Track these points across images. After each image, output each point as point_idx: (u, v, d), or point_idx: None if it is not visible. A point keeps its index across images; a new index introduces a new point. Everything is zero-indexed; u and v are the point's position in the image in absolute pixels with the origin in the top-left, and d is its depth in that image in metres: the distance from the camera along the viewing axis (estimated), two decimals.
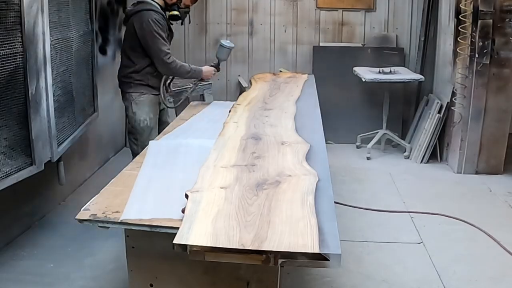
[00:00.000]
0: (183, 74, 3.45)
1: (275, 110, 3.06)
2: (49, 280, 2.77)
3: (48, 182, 3.40)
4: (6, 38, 2.40)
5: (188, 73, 3.43)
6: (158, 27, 3.23)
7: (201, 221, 1.56)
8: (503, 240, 3.28)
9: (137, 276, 1.84)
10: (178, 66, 3.35)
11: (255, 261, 1.41)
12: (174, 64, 3.32)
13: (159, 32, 3.23)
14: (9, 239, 3.14)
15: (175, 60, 3.33)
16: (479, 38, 4.27)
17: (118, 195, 1.91)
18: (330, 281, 2.79)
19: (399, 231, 3.42)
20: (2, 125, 2.46)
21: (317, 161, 2.15)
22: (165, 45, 3.28)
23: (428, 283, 2.80)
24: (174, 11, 3.39)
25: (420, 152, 4.87)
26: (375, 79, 4.77)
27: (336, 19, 5.45)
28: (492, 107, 4.42)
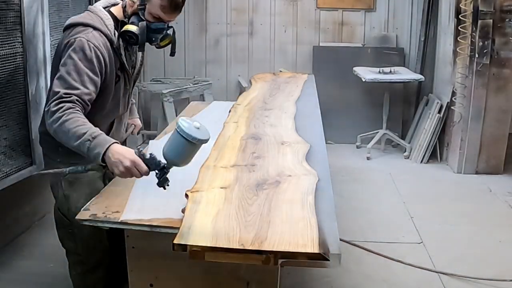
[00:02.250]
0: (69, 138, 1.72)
1: (275, 110, 3.06)
2: (49, 280, 2.77)
3: (48, 182, 3.40)
4: (6, 38, 2.41)
5: (79, 138, 1.69)
6: (83, 57, 1.86)
7: (201, 221, 1.56)
8: (503, 240, 3.28)
9: (137, 276, 1.83)
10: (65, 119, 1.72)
11: (255, 261, 1.41)
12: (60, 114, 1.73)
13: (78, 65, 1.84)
14: (9, 239, 3.14)
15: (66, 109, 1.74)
16: (479, 38, 4.27)
17: (118, 195, 1.91)
18: (330, 281, 2.79)
19: (399, 231, 3.41)
20: (2, 125, 2.47)
21: (317, 161, 2.15)
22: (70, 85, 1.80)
23: (428, 283, 2.80)
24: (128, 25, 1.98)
25: (420, 152, 4.87)
26: (375, 79, 4.77)
27: (336, 19, 5.45)
28: (492, 107, 4.42)
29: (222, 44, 5.54)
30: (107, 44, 1.95)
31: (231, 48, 5.54)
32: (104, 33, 1.96)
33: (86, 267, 2.19)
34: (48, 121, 1.76)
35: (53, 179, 2.09)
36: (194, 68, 5.53)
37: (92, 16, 1.99)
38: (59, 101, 1.76)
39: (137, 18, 1.98)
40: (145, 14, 1.98)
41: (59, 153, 1.98)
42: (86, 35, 1.89)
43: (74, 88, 1.80)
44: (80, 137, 1.68)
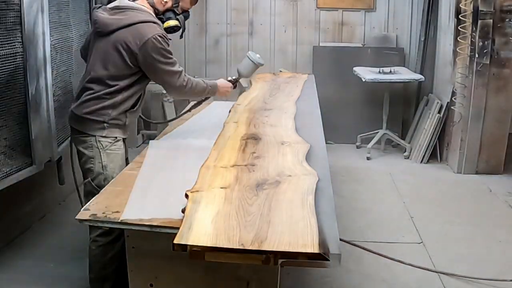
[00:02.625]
0: (200, 93, 2.67)
1: (275, 110, 3.06)
2: (49, 280, 2.77)
3: (48, 182, 3.40)
4: (6, 38, 2.41)
5: (205, 90, 2.65)
6: (167, 45, 2.37)
7: (201, 221, 1.56)
8: (503, 240, 3.28)
9: (137, 276, 1.83)
10: (194, 85, 2.55)
11: (255, 261, 1.41)
12: (189, 84, 2.51)
13: (169, 51, 2.39)
14: (9, 239, 3.14)
15: (190, 79, 2.53)
16: (479, 38, 4.27)
17: (118, 195, 1.91)
18: (330, 281, 2.79)
19: (399, 231, 3.42)
20: (2, 125, 2.46)
21: (317, 161, 2.15)
22: (177, 64, 2.47)
23: (428, 283, 2.80)
24: (171, 20, 2.49)
25: (420, 152, 4.87)
26: (375, 79, 4.77)
27: (336, 19, 5.45)
28: (492, 107, 4.42)
29: (222, 44, 5.54)
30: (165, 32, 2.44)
31: (231, 48, 5.54)
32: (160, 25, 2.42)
33: (108, 239, 2.33)
34: (185, 89, 2.49)
35: (91, 154, 2.39)
36: (194, 68, 5.52)
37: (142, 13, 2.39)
38: (184, 76, 2.48)
39: (173, 13, 2.51)
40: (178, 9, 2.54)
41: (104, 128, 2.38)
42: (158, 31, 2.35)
43: (178, 64, 2.47)
44: (206, 89, 2.65)
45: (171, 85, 2.47)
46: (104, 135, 2.38)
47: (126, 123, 2.46)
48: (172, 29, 2.50)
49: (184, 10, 2.57)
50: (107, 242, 2.34)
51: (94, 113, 2.35)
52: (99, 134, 2.37)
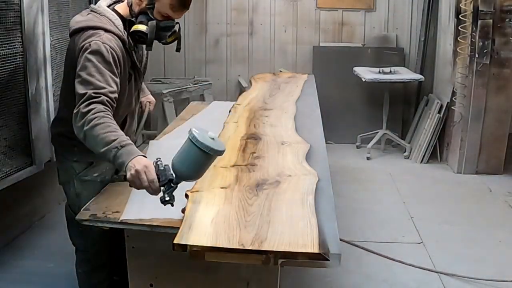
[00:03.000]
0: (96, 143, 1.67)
1: (275, 110, 3.06)
2: (49, 280, 2.77)
3: (48, 182, 3.40)
4: (6, 38, 2.41)
5: (107, 144, 1.64)
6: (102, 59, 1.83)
7: (201, 221, 1.56)
8: (503, 240, 3.28)
9: (137, 276, 1.83)
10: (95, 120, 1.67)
11: (255, 261, 1.41)
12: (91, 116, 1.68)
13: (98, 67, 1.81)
14: (9, 239, 3.14)
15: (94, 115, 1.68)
16: (479, 38, 4.27)
17: (118, 195, 1.91)
18: (330, 281, 2.79)
19: (399, 231, 3.41)
20: (2, 125, 2.46)
21: (317, 161, 2.15)
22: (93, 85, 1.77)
23: (428, 283, 2.80)
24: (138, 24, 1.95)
25: (420, 152, 4.87)
26: (375, 79, 4.77)
27: (336, 19, 5.45)
28: (492, 107, 4.42)
29: (222, 44, 5.54)
30: (120, 45, 1.94)
31: (231, 48, 5.54)
32: (115, 34, 1.93)
33: (92, 265, 2.21)
34: (78, 123, 1.71)
35: (64, 178, 2.10)
36: (194, 68, 5.53)
37: (99, 17, 1.96)
38: (89, 102, 1.72)
39: (145, 17, 1.96)
40: (153, 12, 1.96)
41: (74, 152, 2.00)
42: (101, 38, 1.87)
43: (100, 88, 1.77)
44: (108, 144, 1.63)
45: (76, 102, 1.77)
46: (75, 160, 2.03)
47: None
48: (136, 34, 1.95)
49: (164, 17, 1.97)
50: (89, 269, 2.21)
51: (63, 135, 2.01)
52: (70, 158, 2.04)
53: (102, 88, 1.77)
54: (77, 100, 1.75)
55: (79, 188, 2.05)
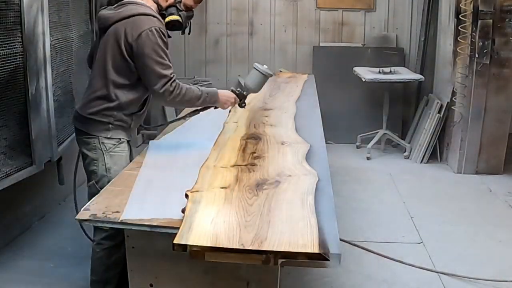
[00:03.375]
0: (193, 101, 2.37)
1: (275, 110, 3.06)
2: (49, 280, 2.77)
3: (48, 182, 3.40)
4: (6, 38, 2.41)
5: (199, 98, 2.36)
6: (163, 41, 2.23)
7: (201, 221, 1.56)
8: (503, 240, 3.28)
9: (137, 276, 1.83)
10: (184, 92, 2.28)
11: (255, 261, 1.41)
12: (177, 91, 2.25)
13: (163, 48, 2.23)
14: (9, 239, 3.14)
15: (179, 85, 2.27)
16: (479, 38, 4.27)
17: (118, 195, 1.91)
18: (330, 281, 2.78)
19: (399, 231, 3.41)
20: (2, 125, 2.46)
21: (317, 161, 2.15)
22: (169, 66, 2.25)
23: (428, 283, 2.80)
24: (173, 15, 2.36)
25: (420, 152, 4.87)
26: (375, 79, 4.77)
27: (336, 19, 5.45)
28: (492, 107, 4.42)
29: (222, 44, 5.54)
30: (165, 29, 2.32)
31: (231, 48, 5.54)
32: (160, 20, 2.30)
33: (113, 242, 2.29)
34: (168, 98, 2.25)
35: (94, 156, 2.32)
36: (194, 68, 5.53)
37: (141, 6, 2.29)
38: (171, 81, 2.24)
39: (175, 9, 2.38)
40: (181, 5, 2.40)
41: (109, 130, 2.31)
42: (155, 24, 2.23)
43: (171, 68, 2.27)
44: (200, 97, 2.36)
45: (155, 88, 2.23)
46: (109, 137, 2.30)
47: (131, 126, 2.39)
48: (172, 24, 2.37)
49: (187, 8, 2.42)
50: (112, 245, 2.29)
51: (98, 114, 2.28)
52: (103, 135, 2.30)
53: (171, 68, 2.28)
54: (157, 80, 2.22)
55: (109, 163, 2.32)
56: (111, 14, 2.28)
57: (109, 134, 2.30)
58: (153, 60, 2.19)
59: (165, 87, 2.22)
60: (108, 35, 2.27)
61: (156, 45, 2.19)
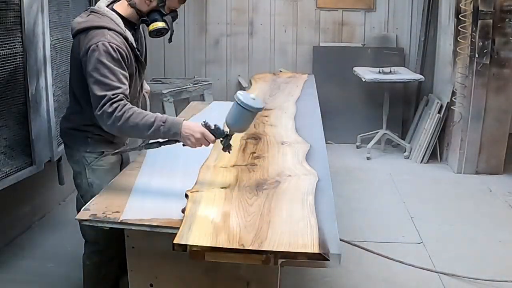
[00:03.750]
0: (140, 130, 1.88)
1: (275, 110, 3.06)
2: (49, 280, 2.77)
3: (48, 182, 3.40)
4: (6, 38, 2.41)
5: (151, 127, 1.86)
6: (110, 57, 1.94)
7: (201, 221, 1.56)
8: (503, 240, 3.28)
9: (137, 276, 1.83)
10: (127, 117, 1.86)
11: (255, 261, 1.41)
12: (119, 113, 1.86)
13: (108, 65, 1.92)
14: (9, 239, 3.15)
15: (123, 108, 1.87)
16: (479, 38, 4.27)
17: (118, 195, 1.91)
18: (330, 281, 2.79)
19: (399, 231, 3.41)
20: (2, 125, 2.46)
21: (317, 161, 2.15)
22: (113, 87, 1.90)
23: (428, 283, 2.80)
24: (158, 22, 2.10)
25: (420, 152, 4.87)
26: (375, 79, 4.77)
27: (336, 19, 5.45)
28: (492, 107, 4.42)
29: (222, 44, 5.54)
30: (123, 42, 2.04)
31: (231, 48, 5.54)
32: (118, 32, 2.03)
33: (103, 257, 2.23)
34: (107, 122, 1.89)
35: (77, 169, 2.21)
36: (194, 68, 5.53)
37: (101, 17, 2.05)
38: (110, 102, 1.88)
39: (158, 14, 2.12)
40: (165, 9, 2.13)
41: (88, 144, 2.16)
42: (106, 38, 1.96)
43: (116, 88, 1.91)
44: (152, 126, 1.85)
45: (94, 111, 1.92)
46: (88, 150, 2.16)
47: (114, 141, 2.20)
48: (159, 31, 2.13)
49: (171, 10, 2.16)
50: (101, 260, 2.24)
51: (76, 128, 2.17)
52: (83, 149, 2.17)
53: (118, 88, 1.92)
54: (96, 102, 1.91)
55: (91, 177, 2.17)
56: (75, 25, 2.08)
57: (88, 148, 2.16)
58: (93, 78, 1.92)
59: (103, 109, 1.88)
60: (72, 49, 2.12)
61: (98, 62, 1.92)
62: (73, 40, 2.10)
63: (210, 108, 3.54)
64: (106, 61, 1.92)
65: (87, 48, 1.95)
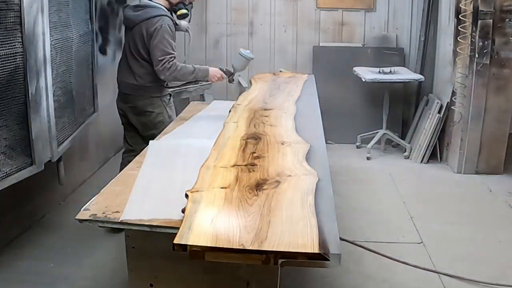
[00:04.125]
0: (187, 75, 3.24)
1: (275, 110, 3.06)
2: (49, 280, 2.77)
3: (48, 182, 3.40)
4: (6, 38, 2.40)
5: (192, 73, 3.24)
6: (168, 34, 3.11)
7: (201, 221, 1.56)
8: (503, 240, 3.28)
9: (137, 276, 1.83)
10: (179, 68, 3.15)
11: (255, 261, 1.41)
12: (174, 67, 3.13)
13: (167, 39, 3.11)
14: (9, 239, 3.15)
15: (175, 63, 3.15)
16: (479, 38, 4.27)
17: (118, 195, 1.91)
18: (330, 281, 2.79)
19: (399, 231, 3.42)
20: (2, 125, 2.46)
21: (317, 161, 2.15)
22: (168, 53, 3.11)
23: (428, 283, 2.80)
24: (182, 10, 3.32)
25: (420, 152, 4.87)
26: (375, 79, 4.77)
27: (336, 19, 5.45)
28: (492, 107, 4.42)
29: (222, 44, 5.54)
30: (172, 23, 3.22)
31: (231, 48, 5.54)
32: (169, 17, 3.21)
33: None
34: (166, 73, 3.16)
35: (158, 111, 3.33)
36: None
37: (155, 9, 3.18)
38: (169, 60, 3.13)
39: (182, 4, 3.34)
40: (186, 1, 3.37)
41: (162, 90, 3.37)
42: (164, 22, 3.14)
43: (172, 52, 3.17)
44: (192, 73, 3.27)
45: (156, 67, 3.14)
46: (164, 95, 3.38)
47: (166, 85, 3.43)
48: (182, 16, 3.36)
49: (190, 2, 3.44)
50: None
51: (153, 82, 3.26)
52: (160, 95, 3.35)
53: (173, 52, 3.18)
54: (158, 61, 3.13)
55: (170, 112, 3.41)
56: (134, 17, 3.21)
57: (163, 93, 3.37)
58: (158, 48, 3.12)
59: (164, 65, 3.12)
60: (134, 33, 3.21)
61: (162, 37, 3.11)
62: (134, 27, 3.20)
63: (210, 108, 3.54)
64: (166, 36, 3.12)
65: (154, 29, 3.11)
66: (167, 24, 3.11)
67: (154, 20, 3.12)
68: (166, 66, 3.11)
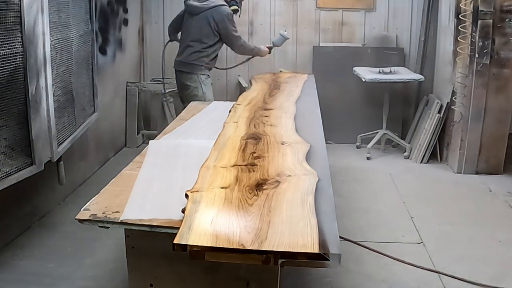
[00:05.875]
0: (250, 52, 4.43)
1: (275, 110, 3.06)
2: (49, 280, 2.77)
3: (48, 182, 3.40)
4: (6, 38, 2.40)
5: (253, 50, 4.43)
6: (232, 20, 4.10)
7: (201, 221, 1.56)
8: (503, 240, 3.28)
9: (137, 276, 1.84)
10: (247, 46, 4.34)
11: (255, 261, 1.41)
12: (246, 45, 4.32)
13: (234, 24, 4.12)
14: (9, 239, 3.15)
15: (245, 42, 4.32)
16: (479, 38, 4.27)
17: (118, 195, 1.91)
18: (330, 281, 2.79)
19: (399, 231, 3.42)
20: (2, 125, 2.46)
21: (317, 161, 2.15)
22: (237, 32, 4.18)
23: (428, 283, 2.80)
24: (234, 6, 4.21)
25: (420, 152, 4.87)
26: (375, 79, 4.77)
27: (336, 19, 5.45)
28: (492, 107, 4.42)
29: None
30: None
31: None
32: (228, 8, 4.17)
33: None
34: (241, 50, 4.35)
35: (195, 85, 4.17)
36: None
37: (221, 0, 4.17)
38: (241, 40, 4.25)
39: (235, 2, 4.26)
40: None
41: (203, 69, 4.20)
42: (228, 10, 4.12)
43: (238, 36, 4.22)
44: (253, 49, 4.46)
45: (235, 44, 4.23)
46: (203, 73, 4.18)
47: (211, 67, 4.28)
48: (234, 11, 4.19)
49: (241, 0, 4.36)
50: None
51: (197, 60, 4.14)
52: (200, 73, 4.17)
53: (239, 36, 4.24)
54: (235, 42, 4.23)
55: (205, 89, 4.18)
56: (200, 5, 4.12)
57: (203, 71, 4.18)
58: (230, 30, 4.12)
59: (240, 42, 4.25)
60: (199, 19, 4.11)
61: (230, 22, 4.11)
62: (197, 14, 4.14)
63: (210, 108, 3.54)
64: (232, 21, 4.12)
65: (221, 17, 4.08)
66: (230, 12, 4.10)
67: (220, 9, 4.08)
68: (243, 45, 4.28)
